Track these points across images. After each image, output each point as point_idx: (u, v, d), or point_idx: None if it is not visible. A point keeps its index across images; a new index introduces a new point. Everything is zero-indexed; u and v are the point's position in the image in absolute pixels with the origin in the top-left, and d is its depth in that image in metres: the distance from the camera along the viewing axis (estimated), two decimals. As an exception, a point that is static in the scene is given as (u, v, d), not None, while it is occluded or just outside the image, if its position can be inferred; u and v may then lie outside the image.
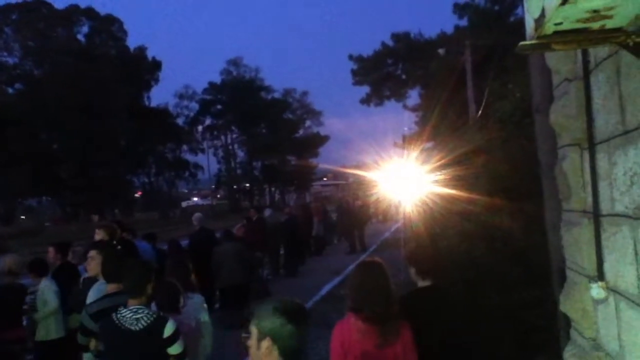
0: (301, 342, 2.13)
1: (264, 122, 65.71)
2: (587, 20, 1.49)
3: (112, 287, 4.04)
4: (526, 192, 5.74)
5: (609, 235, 2.09)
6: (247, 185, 72.51)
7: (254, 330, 2.12)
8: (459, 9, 28.03)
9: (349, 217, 19.26)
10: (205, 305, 4.73)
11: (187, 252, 10.04)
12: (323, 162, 70.09)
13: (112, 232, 6.59)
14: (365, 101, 34.47)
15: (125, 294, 3.73)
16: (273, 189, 75.05)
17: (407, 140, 24.12)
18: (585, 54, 2.25)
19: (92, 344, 3.89)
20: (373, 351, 2.96)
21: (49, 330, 6.11)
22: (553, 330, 3.69)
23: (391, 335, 3.01)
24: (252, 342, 2.12)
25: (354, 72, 33.08)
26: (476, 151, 9.13)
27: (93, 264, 4.60)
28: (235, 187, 71.52)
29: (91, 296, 4.31)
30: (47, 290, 6.12)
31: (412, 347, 3.08)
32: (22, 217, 57.48)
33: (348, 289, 3.20)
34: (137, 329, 3.46)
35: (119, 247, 6.88)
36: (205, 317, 4.59)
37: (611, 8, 1.42)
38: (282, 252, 14.86)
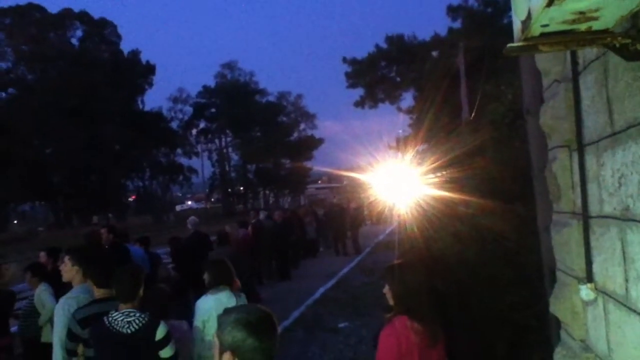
0: (267, 355, 1.93)
1: (258, 126, 65.69)
2: (573, 21, 1.49)
3: (101, 293, 3.99)
4: (519, 194, 5.75)
5: (598, 237, 2.10)
6: (242, 188, 72.41)
7: (216, 341, 1.98)
8: (452, 11, 28.12)
9: (340, 220, 19.22)
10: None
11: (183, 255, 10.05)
12: (317, 165, 70.09)
13: (97, 236, 6.57)
14: (360, 104, 34.43)
15: (114, 300, 3.71)
16: (267, 192, 74.97)
17: (401, 143, 24.18)
18: (573, 55, 2.26)
19: (80, 349, 3.85)
20: (426, 352, 2.99)
21: (46, 333, 6.12)
22: (546, 330, 3.69)
23: (439, 334, 3.07)
24: (215, 353, 1.99)
25: (347, 75, 33.06)
26: (469, 153, 9.14)
27: (65, 270, 4.52)
28: (229, 190, 71.41)
29: (79, 297, 4.22)
30: (43, 294, 6.13)
31: (444, 346, 3.15)
32: (15, 222, 57.15)
33: (395, 292, 3.11)
34: (129, 332, 3.45)
35: (111, 251, 6.89)
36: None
37: (597, 9, 1.42)
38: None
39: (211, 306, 4.37)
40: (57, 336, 4.03)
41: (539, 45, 1.62)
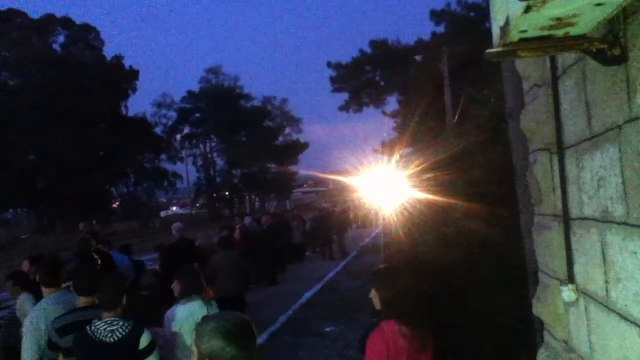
0: None
1: (243, 130, 65.50)
2: (551, 27, 1.51)
3: (82, 301, 3.95)
4: (503, 197, 5.79)
5: (578, 239, 2.12)
6: (227, 193, 72.11)
7: (194, 350, 1.97)
8: (435, 16, 28.35)
9: (327, 224, 19.22)
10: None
11: (168, 261, 10.00)
12: (303, 168, 70.18)
13: (89, 243, 6.53)
14: (344, 108, 34.56)
15: (95, 309, 3.68)
16: (253, 196, 74.75)
17: (386, 146, 24.26)
18: (553, 60, 2.29)
19: (61, 359, 3.81)
20: (414, 356, 2.98)
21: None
22: (531, 332, 3.72)
23: (428, 338, 3.06)
24: None
25: (332, 79, 33.19)
26: (454, 157, 9.20)
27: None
28: (215, 195, 71.08)
29: (47, 309, 4.17)
30: (25, 303, 6.04)
31: (433, 350, 3.16)
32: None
33: (384, 297, 3.10)
34: (112, 340, 3.42)
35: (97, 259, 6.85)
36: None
37: (574, 15, 1.44)
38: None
39: (181, 317, 4.29)
40: (25, 351, 3.97)
41: (518, 51, 1.64)
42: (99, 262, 6.58)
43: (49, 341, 3.80)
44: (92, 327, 3.47)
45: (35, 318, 4.05)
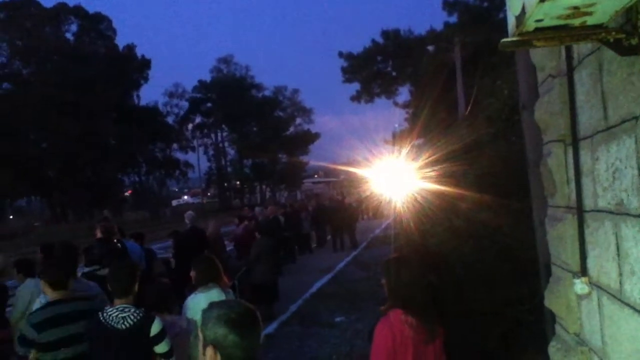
0: (248, 351, 1.95)
1: (254, 120, 65.53)
2: (567, 16, 1.49)
3: (55, 294, 3.92)
4: (514, 189, 5.76)
5: (592, 231, 2.10)
6: (238, 183, 72.33)
7: (200, 335, 2.01)
8: (448, 6, 28.03)
9: (338, 215, 19.18)
10: None
11: (179, 250, 10.08)
12: (314, 159, 70.12)
13: (112, 230, 6.63)
14: (356, 98, 34.43)
15: (71, 302, 3.73)
16: (264, 186, 74.91)
17: (397, 137, 24.20)
18: (568, 50, 2.26)
19: (33, 355, 3.77)
20: (421, 347, 3.00)
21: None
22: (541, 325, 3.71)
23: (436, 330, 3.07)
24: (199, 347, 2.01)
25: (344, 70, 33.02)
26: (465, 148, 9.15)
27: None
28: (225, 185, 71.31)
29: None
30: (21, 289, 6.04)
31: (442, 342, 3.17)
32: (11, 217, 57.02)
33: (391, 286, 3.13)
34: (123, 327, 3.45)
35: (119, 244, 6.95)
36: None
37: (591, 4, 1.43)
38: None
39: (201, 305, 4.30)
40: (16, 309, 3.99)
41: (533, 41, 1.62)
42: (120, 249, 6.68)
43: (21, 337, 3.77)
44: (104, 314, 3.50)
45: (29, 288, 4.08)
